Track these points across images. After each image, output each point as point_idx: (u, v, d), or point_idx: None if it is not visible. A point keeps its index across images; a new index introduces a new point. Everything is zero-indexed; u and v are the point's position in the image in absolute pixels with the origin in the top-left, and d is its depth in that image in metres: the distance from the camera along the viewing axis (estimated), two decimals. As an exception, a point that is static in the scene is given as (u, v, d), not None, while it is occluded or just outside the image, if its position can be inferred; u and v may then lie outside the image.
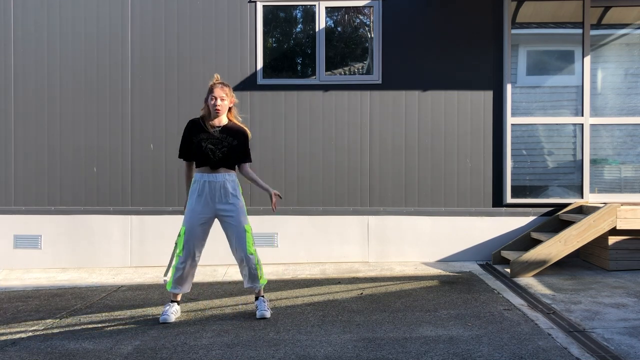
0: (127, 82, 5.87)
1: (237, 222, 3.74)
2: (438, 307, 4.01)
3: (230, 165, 3.79)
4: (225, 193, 3.72)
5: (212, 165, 3.72)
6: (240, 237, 3.72)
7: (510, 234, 5.77)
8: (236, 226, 3.73)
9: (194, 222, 3.71)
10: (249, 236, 3.75)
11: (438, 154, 5.84)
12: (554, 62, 5.93)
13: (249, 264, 3.75)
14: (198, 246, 3.75)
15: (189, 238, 3.70)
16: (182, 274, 3.75)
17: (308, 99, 5.87)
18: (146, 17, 5.88)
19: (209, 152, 3.70)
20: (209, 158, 3.70)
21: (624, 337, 3.30)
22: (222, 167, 3.74)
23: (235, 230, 3.73)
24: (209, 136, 3.71)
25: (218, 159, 3.71)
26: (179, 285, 3.80)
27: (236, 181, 3.81)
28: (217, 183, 3.71)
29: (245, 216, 3.79)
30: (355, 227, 5.85)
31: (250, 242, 3.75)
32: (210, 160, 3.71)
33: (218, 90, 3.71)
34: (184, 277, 3.78)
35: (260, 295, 3.90)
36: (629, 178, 5.90)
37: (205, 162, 3.72)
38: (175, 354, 3.11)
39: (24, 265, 5.83)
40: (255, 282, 3.81)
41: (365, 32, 6.07)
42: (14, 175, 5.87)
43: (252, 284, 3.82)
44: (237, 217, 3.74)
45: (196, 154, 3.74)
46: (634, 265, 5.13)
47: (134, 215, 5.83)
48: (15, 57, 5.88)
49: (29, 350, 3.24)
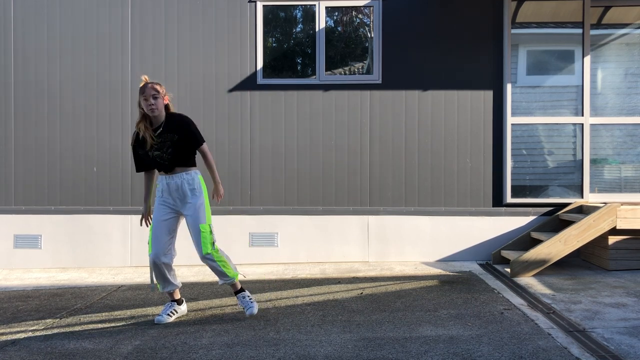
0: (127, 82, 5.87)
1: (193, 221, 3.68)
2: (438, 307, 4.01)
3: (184, 162, 3.72)
4: (183, 193, 3.69)
5: (165, 169, 3.71)
6: (196, 238, 3.68)
7: (510, 233, 5.77)
8: (193, 226, 3.69)
9: (158, 218, 3.71)
10: (205, 235, 3.65)
11: (438, 154, 5.84)
12: (554, 62, 5.93)
13: (209, 263, 3.70)
14: (165, 241, 3.69)
15: (155, 234, 3.69)
16: (159, 270, 3.71)
17: (308, 99, 5.87)
18: (146, 17, 5.88)
19: (157, 159, 3.68)
20: (160, 164, 3.71)
21: (624, 336, 3.29)
22: (176, 167, 3.71)
23: (192, 230, 3.70)
24: (151, 144, 3.66)
25: (168, 161, 3.68)
26: (166, 283, 3.77)
27: (196, 179, 3.74)
28: (173, 184, 3.70)
29: (205, 215, 3.69)
30: (355, 226, 5.85)
31: (206, 242, 3.65)
32: (162, 166, 3.71)
33: (148, 90, 3.62)
34: (164, 275, 3.73)
35: (238, 290, 3.85)
36: (629, 178, 5.90)
37: (160, 168, 3.73)
38: (175, 354, 3.11)
39: (24, 264, 5.83)
40: (224, 277, 3.76)
41: (365, 32, 6.07)
42: (14, 175, 5.87)
43: (223, 279, 3.78)
44: (193, 216, 3.68)
45: (149, 164, 3.77)
46: (634, 265, 5.13)
47: (133, 215, 5.83)
48: (15, 57, 5.88)
49: (29, 350, 3.24)
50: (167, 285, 3.78)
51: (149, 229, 3.76)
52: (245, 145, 5.87)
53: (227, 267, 3.75)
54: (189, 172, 3.72)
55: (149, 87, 3.62)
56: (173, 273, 3.80)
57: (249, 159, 5.86)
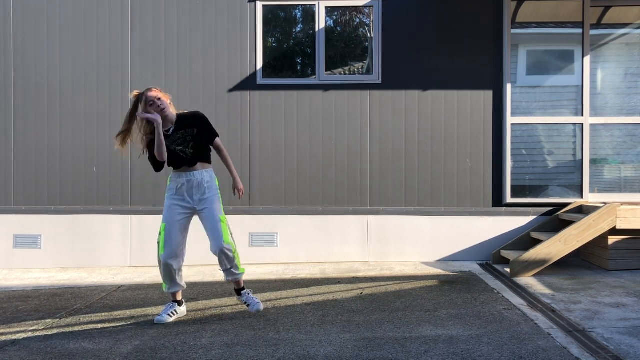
0: (127, 82, 5.87)
1: (211, 213, 3.72)
2: (438, 307, 4.01)
3: (204, 158, 3.78)
4: (203, 190, 3.73)
5: (189, 164, 3.72)
6: (216, 228, 3.69)
7: (510, 233, 5.77)
8: (211, 217, 3.72)
9: (172, 217, 3.71)
10: (225, 226, 3.73)
11: (438, 154, 5.84)
12: (554, 62, 5.93)
13: (226, 254, 3.70)
14: (179, 241, 3.72)
15: (168, 234, 3.69)
16: (169, 273, 3.73)
17: (308, 99, 5.87)
18: (146, 17, 5.88)
19: (180, 153, 3.69)
20: (183, 159, 3.70)
21: (624, 336, 3.30)
22: (198, 163, 3.74)
23: (211, 222, 3.72)
24: (171, 140, 3.69)
25: (191, 155, 3.71)
26: (173, 283, 3.78)
27: (212, 176, 3.81)
28: (195, 181, 3.72)
29: (221, 208, 3.78)
30: (355, 227, 5.85)
31: (227, 232, 3.72)
32: (185, 160, 3.71)
33: (151, 94, 3.65)
34: (173, 275, 3.75)
35: (241, 287, 3.89)
36: (629, 178, 5.90)
37: (182, 164, 3.72)
38: (175, 354, 3.11)
39: (24, 265, 5.83)
40: (235, 270, 3.77)
41: (365, 32, 6.07)
42: (13, 175, 5.87)
43: (232, 276, 3.79)
44: (211, 208, 3.72)
45: (170, 161, 3.73)
46: (633, 265, 5.13)
47: (133, 215, 5.84)
48: (15, 57, 5.88)
49: (28, 350, 3.24)
50: (173, 286, 3.79)
51: (161, 229, 3.74)
52: (245, 145, 5.87)
53: (239, 259, 3.81)
54: (208, 170, 3.79)
55: (148, 92, 3.66)
56: (181, 274, 3.82)
57: (249, 159, 5.86)
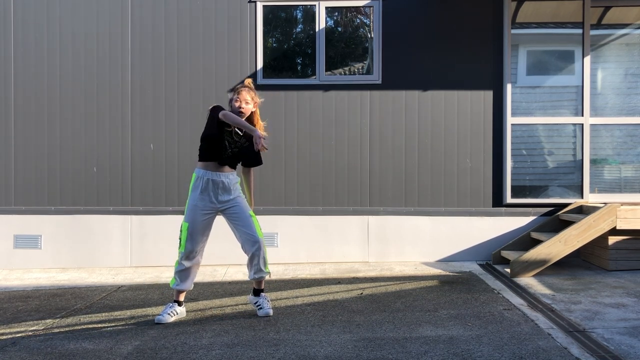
0: (127, 82, 5.87)
1: (242, 210, 3.79)
2: (438, 307, 4.01)
3: (234, 166, 3.86)
4: (226, 188, 3.77)
5: (220, 161, 3.75)
6: (248, 224, 3.76)
7: (510, 234, 5.77)
8: (242, 215, 3.78)
9: (196, 217, 3.73)
10: (256, 221, 3.81)
11: (438, 154, 5.84)
12: (554, 62, 5.93)
13: (258, 249, 3.74)
14: (201, 241, 3.78)
15: (191, 233, 3.72)
16: (185, 270, 3.78)
17: (308, 99, 5.87)
18: (146, 17, 5.88)
19: (223, 148, 3.73)
20: (220, 154, 3.73)
21: (624, 337, 3.30)
22: (227, 166, 3.79)
23: (242, 219, 3.77)
24: (229, 134, 3.77)
25: (227, 157, 3.76)
26: (182, 281, 3.80)
27: (237, 178, 3.89)
28: (219, 181, 3.75)
29: (247, 206, 3.86)
30: (355, 227, 5.85)
31: (258, 227, 3.80)
32: (220, 157, 3.74)
33: (244, 94, 3.82)
34: (187, 273, 3.80)
35: (261, 288, 3.91)
36: (629, 178, 5.90)
37: (215, 157, 3.74)
38: (175, 354, 3.11)
39: (24, 265, 5.83)
40: (263, 267, 3.79)
41: (365, 32, 6.07)
42: (14, 175, 5.87)
43: (260, 273, 3.79)
44: (241, 205, 3.80)
45: (211, 145, 3.74)
46: (634, 265, 5.13)
47: (133, 215, 5.83)
48: (15, 56, 5.88)
49: (29, 350, 3.24)
50: (182, 283, 3.81)
51: (182, 227, 3.75)
52: (245, 146, 5.87)
53: (267, 258, 3.86)
54: (233, 173, 3.86)
55: (244, 91, 3.84)
56: (195, 273, 3.87)
57: (249, 159, 5.86)
